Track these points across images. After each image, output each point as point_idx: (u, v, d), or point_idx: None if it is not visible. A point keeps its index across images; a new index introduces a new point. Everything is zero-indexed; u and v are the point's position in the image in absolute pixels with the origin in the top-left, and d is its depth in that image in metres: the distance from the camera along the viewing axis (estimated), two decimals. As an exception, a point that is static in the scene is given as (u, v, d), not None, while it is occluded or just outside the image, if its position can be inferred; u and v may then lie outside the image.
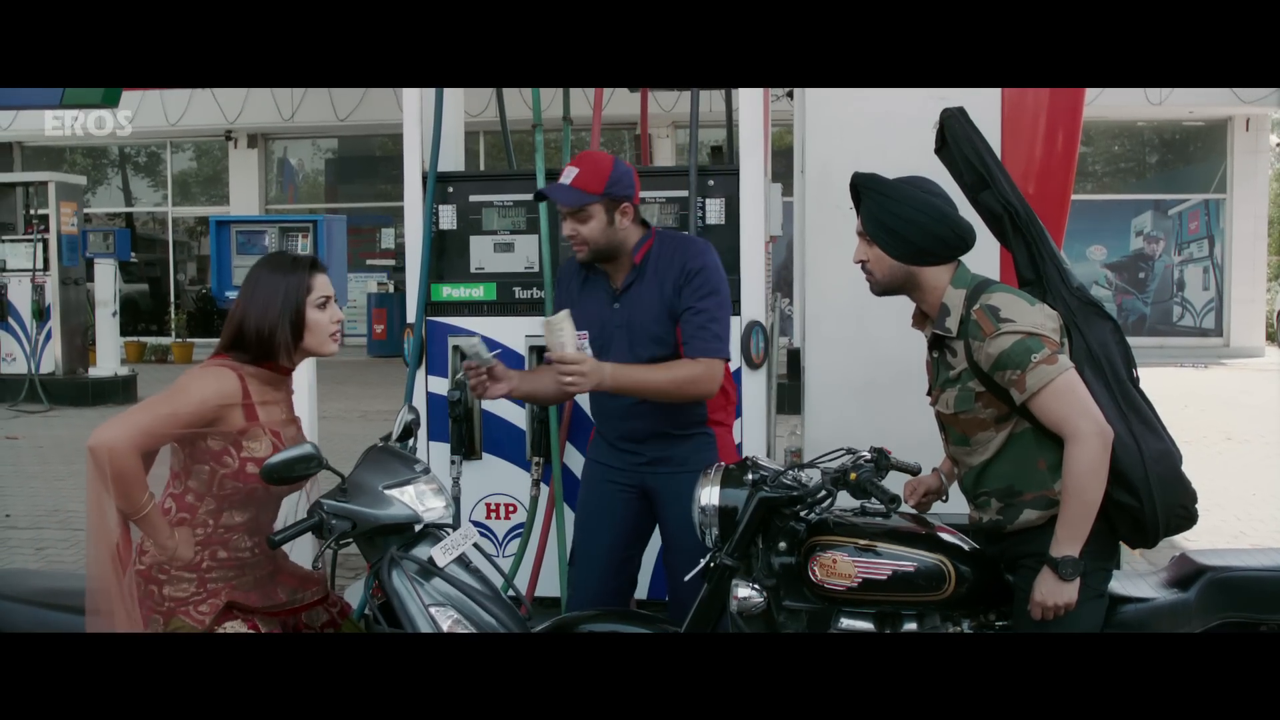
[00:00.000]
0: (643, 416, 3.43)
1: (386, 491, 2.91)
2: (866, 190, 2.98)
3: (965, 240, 2.92)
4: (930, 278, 2.93)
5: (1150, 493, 2.78)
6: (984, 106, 4.25)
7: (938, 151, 3.18)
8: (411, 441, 3.28)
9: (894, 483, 2.99)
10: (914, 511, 3.19)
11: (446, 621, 2.82)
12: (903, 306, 4.31)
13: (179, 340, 18.48)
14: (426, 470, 3.05)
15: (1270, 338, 19.25)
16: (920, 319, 3.04)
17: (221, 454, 2.86)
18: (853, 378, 4.56)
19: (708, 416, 3.51)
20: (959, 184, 3.13)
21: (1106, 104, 14.56)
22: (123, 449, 2.72)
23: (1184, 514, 2.86)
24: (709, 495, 3.00)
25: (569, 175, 3.36)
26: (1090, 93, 4.32)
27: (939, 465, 3.22)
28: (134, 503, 2.78)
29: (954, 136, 3.09)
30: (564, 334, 3.20)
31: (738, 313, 4.30)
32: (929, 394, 3.08)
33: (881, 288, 3.03)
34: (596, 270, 3.50)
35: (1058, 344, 2.79)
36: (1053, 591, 2.76)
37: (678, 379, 3.33)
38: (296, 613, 3.09)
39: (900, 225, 2.90)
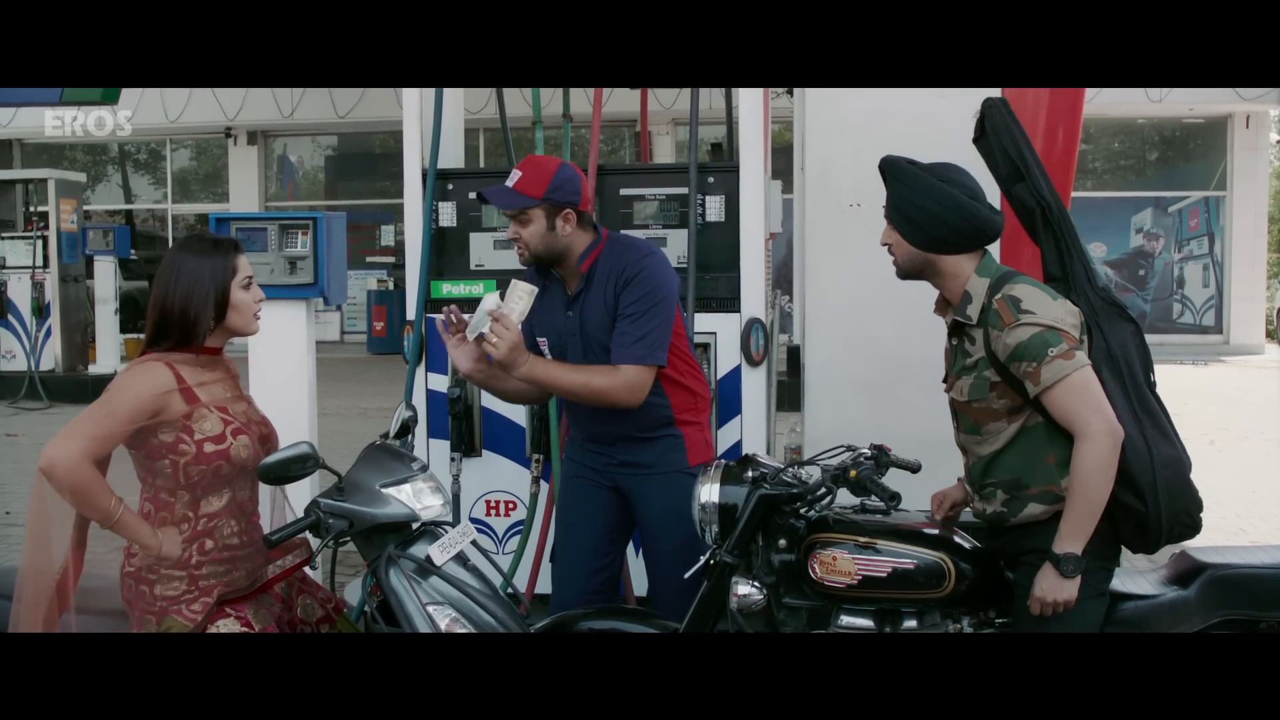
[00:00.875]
0: (606, 420, 3.40)
1: (384, 490, 2.91)
2: (887, 176, 2.99)
3: (984, 232, 2.92)
4: (951, 265, 2.94)
5: (1157, 497, 2.78)
6: (984, 105, 4.26)
7: (976, 141, 3.19)
8: (409, 438, 3.28)
9: (894, 480, 2.99)
10: (910, 510, 3.19)
11: (444, 620, 2.82)
12: (902, 305, 4.31)
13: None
14: (424, 468, 3.05)
15: (1270, 335, 19.24)
16: (942, 305, 3.04)
17: (176, 444, 2.85)
18: (852, 375, 4.56)
19: (674, 418, 3.46)
20: (994, 175, 3.14)
21: (1106, 101, 14.54)
22: (76, 460, 2.73)
23: (1188, 522, 2.86)
24: (709, 492, 3.00)
25: (512, 178, 3.32)
26: (1090, 90, 4.31)
27: (963, 475, 3.21)
28: (104, 510, 2.78)
29: (993, 126, 3.10)
30: (522, 302, 3.17)
31: (738, 310, 4.31)
32: (944, 381, 3.08)
33: (903, 272, 3.03)
34: (554, 277, 3.48)
35: (1076, 340, 2.80)
36: (1053, 588, 2.76)
37: (591, 385, 3.29)
38: (283, 578, 3.09)
39: (916, 213, 2.91)
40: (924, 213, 2.89)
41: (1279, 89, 15.59)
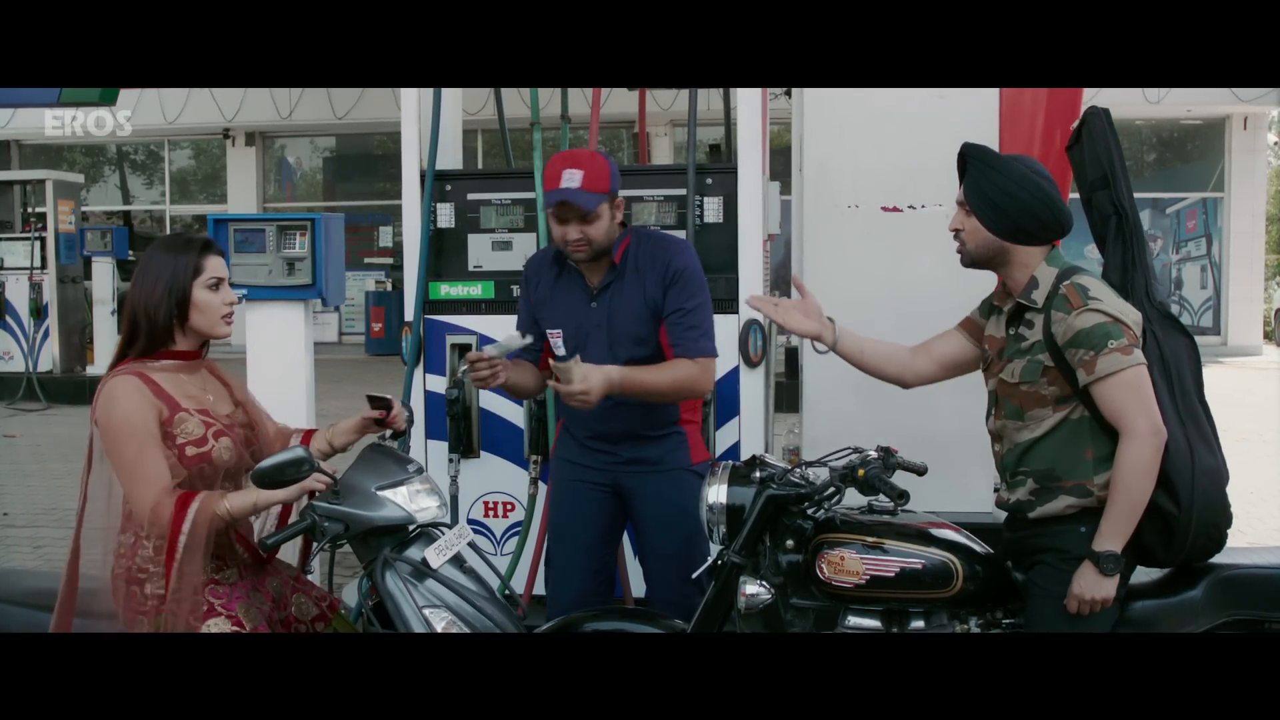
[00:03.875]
0: (618, 418, 3.40)
1: (379, 493, 2.89)
2: (973, 160, 2.99)
3: (1062, 224, 2.94)
4: (1024, 255, 2.95)
5: (1191, 503, 2.79)
6: (982, 106, 4.27)
7: (1069, 149, 3.27)
8: (406, 440, 3.26)
9: (899, 482, 2.98)
10: (917, 510, 3.18)
11: (440, 623, 2.81)
12: (899, 305, 4.31)
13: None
14: (420, 470, 3.03)
15: (1268, 336, 19.25)
16: (1003, 295, 3.06)
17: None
18: (850, 376, 4.51)
19: (679, 416, 3.49)
20: (1078, 181, 3.22)
21: (1104, 103, 14.41)
22: (161, 502, 2.74)
23: (1215, 535, 2.87)
24: (717, 493, 2.99)
25: (574, 178, 3.25)
26: (1088, 91, 4.32)
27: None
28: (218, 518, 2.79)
29: (1091, 132, 3.18)
30: (573, 373, 3.16)
31: (735, 311, 4.30)
32: (985, 368, 3.10)
33: (971, 259, 3.03)
34: (569, 268, 3.46)
35: (1136, 337, 2.81)
36: (1092, 585, 2.77)
37: (679, 380, 3.32)
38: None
39: (1003, 199, 2.91)
40: (1012, 200, 2.90)
41: (1277, 90, 15.60)
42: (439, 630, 2.80)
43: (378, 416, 3.12)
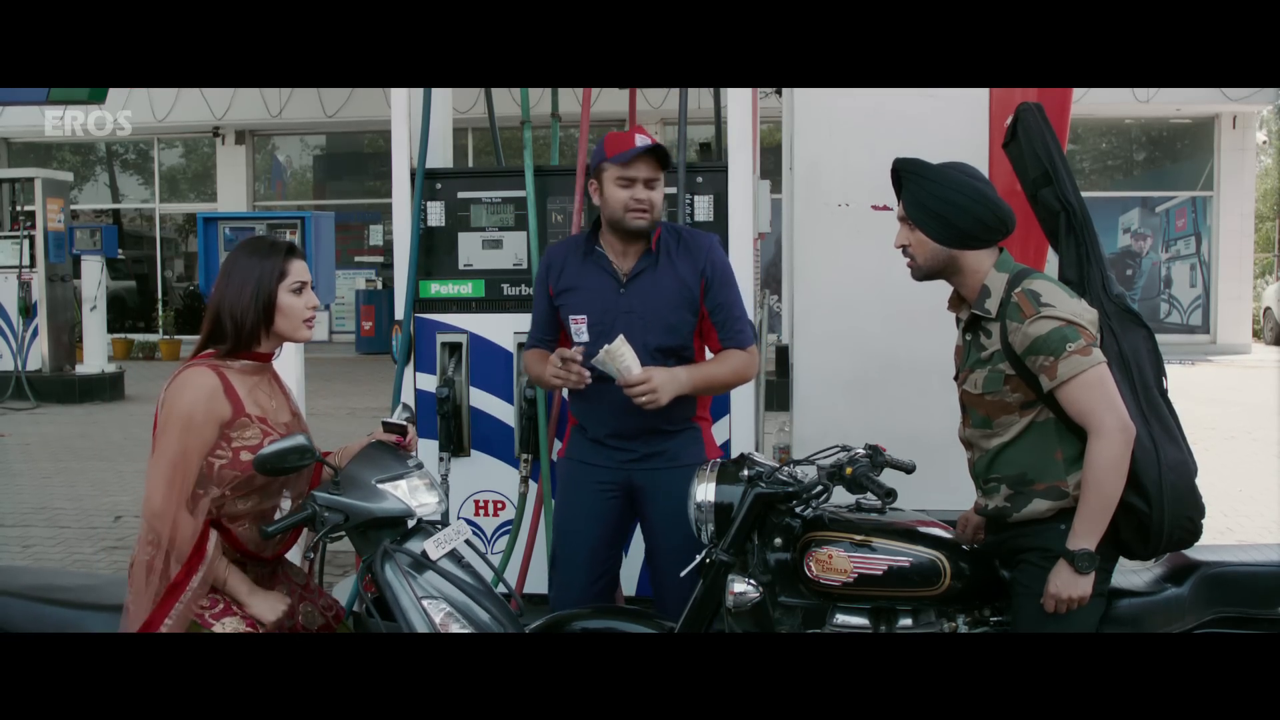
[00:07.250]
0: (637, 413, 3.36)
1: (379, 485, 2.91)
2: (908, 174, 2.98)
3: (1005, 224, 2.93)
4: (972, 261, 2.94)
5: (1161, 499, 2.79)
6: (971, 105, 4.27)
7: (1005, 146, 3.25)
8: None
9: (888, 480, 2.99)
10: (905, 509, 3.19)
11: (439, 614, 2.82)
12: (889, 303, 4.32)
13: (166, 337, 18.43)
14: (419, 465, 3.05)
15: (1256, 335, 19.32)
16: (957, 302, 3.05)
17: (214, 447, 2.86)
18: (841, 374, 4.56)
19: (695, 412, 3.51)
20: (1020, 180, 3.20)
21: (1094, 101, 14.60)
22: (173, 514, 2.78)
23: (1190, 527, 2.87)
24: (705, 491, 3.00)
25: (647, 140, 3.34)
26: (1078, 90, 4.33)
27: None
28: (212, 570, 2.84)
29: (1026, 129, 3.16)
30: (625, 358, 3.19)
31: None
32: (956, 377, 3.09)
33: (923, 273, 3.02)
34: (596, 254, 3.47)
35: (1094, 336, 2.81)
36: (1067, 584, 2.77)
37: (736, 370, 3.47)
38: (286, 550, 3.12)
39: (943, 208, 2.90)
40: (951, 206, 2.89)
41: (1265, 89, 15.66)
42: (437, 621, 2.81)
43: (393, 442, 3.13)
